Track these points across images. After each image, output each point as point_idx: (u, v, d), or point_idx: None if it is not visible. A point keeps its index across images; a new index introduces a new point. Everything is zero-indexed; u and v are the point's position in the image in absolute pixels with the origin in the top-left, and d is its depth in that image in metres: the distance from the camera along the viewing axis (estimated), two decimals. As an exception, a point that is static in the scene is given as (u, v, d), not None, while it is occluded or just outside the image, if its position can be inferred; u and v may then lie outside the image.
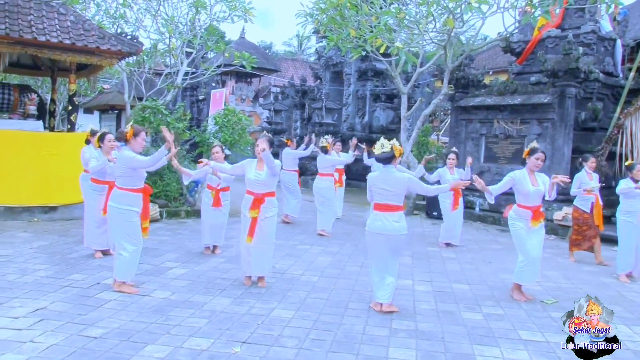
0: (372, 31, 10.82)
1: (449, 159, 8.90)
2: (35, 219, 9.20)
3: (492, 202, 5.82)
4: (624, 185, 6.94)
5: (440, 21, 10.45)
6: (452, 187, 5.60)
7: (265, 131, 9.19)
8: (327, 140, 9.97)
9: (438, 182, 8.63)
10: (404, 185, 5.07)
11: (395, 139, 5.29)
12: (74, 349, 3.95)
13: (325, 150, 9.83)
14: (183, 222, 10.10)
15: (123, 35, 10.63)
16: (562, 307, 5.59)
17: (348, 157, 10.36)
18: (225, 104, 20.41)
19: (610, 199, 9.33)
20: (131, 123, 5.78)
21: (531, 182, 5.71)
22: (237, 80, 29.29)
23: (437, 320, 5.02)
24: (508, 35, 11.99)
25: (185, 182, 7.58)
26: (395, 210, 5.08)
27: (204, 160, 6.27)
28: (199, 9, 13.11)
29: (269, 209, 5.62)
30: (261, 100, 30.02)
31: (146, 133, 6.13)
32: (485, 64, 21.79)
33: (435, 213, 11.75)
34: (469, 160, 8.62)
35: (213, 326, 4.58)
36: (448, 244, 8.78)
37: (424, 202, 12.67)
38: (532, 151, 5.77)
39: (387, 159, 5.09)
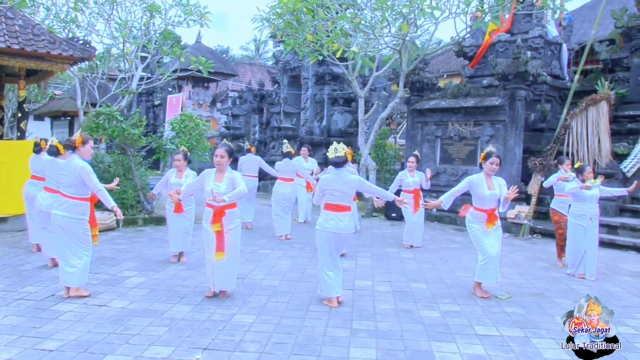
0: (328, 36, 10.94)
1: (409, 162, 9.03)
2: (-16, 231, 8.88)
3: (446, 208, 6.17)
4: (573, 185, 7.04)
5: (394, 26, 10.66)
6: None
7: (224, 139, 9.09)
8: (288, 146, 9.93)
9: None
10: (355, 186, 5.47)
11: (352, 143, 5.48)
12: (29, 363, 3.86)
13: (290, 156, 9.76)
14: (141, 230, 9.92)
15: (75, 40, 10.37)
16: (515, 302, 5.82)
17: (311, 177, 10.04)
18: (182, 109, 20.20)
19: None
20: (79, 131, 5.67)
21: (487, 186, 5.89)
22: (194, 85, 28.96)
23: (396, 320, 5.12)
24: (460, 39, 12.35)
25: (155, 192, 7.66)
26: (347, 211, 5.44)
27: (175, 194, 5.79)
28: (154, 13, 12.95)
29: (231, 221, 5.48)
30: (219, 105, 29.80)
31: (100, 140, 6.02)
32: (440, 67, 22.25)
33: (394, 215, 11.95)
34: (428, 174, 8.81)
35: (173, 334, 4.54)
36: (412, 246, 8.90)
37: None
38: (487, 156, 5.94)
39: (341, 162, 5.43)
